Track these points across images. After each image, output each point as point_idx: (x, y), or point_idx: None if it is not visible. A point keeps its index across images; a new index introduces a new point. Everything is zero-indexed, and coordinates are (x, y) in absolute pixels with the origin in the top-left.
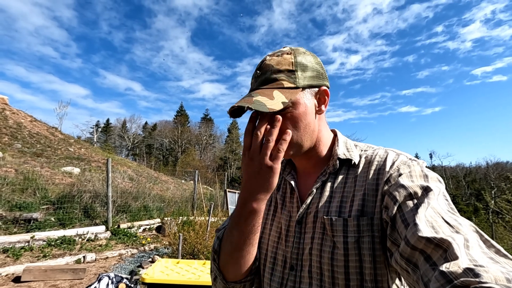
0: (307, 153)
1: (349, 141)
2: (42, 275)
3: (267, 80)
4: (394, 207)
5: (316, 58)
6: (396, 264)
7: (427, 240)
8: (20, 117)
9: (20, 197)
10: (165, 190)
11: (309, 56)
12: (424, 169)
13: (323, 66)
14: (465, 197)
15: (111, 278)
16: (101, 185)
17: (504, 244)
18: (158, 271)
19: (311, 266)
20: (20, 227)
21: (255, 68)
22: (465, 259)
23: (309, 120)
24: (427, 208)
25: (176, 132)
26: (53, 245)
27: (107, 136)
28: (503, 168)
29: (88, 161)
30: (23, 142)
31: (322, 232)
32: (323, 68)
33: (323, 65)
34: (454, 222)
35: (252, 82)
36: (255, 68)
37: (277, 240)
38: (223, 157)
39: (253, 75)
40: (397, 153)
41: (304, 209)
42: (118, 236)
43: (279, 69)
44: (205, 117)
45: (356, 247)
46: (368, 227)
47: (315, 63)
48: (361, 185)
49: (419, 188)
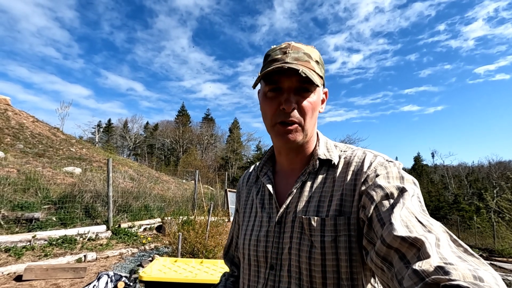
0: (300, 148)
1: (330, 142)
2: (43, 274)
3: (301, 59)
4: (371, 207)
5: None
6: (371, 262)
7: (402, 239)
8: (22, 117)
9: (22, 197)
10: (166, 190)
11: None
12: (400, 171)
13: None
14: (467, 196)
15: (110, 277)
16: (102, 185)
17: (506, 244)
18: (156, 270)
19: (290, 265)
20: (22, 226)
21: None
22: (436, 257)
23: (317, 113)
24: (402, 208)
25: (178, 132)
26: (54, 244)
27: (108, 136)
28: (505, 167)
29: (89, 161)
30: (25, 142)
31: (301, 232)
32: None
33: None
34: (426, 222)
35: (280, 57)
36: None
37: (257, 242)
38: (225, 157)
39: (279, 51)
40: (375, 154)
41: (284, 209)
42: (118, 235)
43: (310, 55)
44: (206, 117)
45: (333, 246)
46: (345, 226)
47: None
48: (339, 185)
49: (395, 188)
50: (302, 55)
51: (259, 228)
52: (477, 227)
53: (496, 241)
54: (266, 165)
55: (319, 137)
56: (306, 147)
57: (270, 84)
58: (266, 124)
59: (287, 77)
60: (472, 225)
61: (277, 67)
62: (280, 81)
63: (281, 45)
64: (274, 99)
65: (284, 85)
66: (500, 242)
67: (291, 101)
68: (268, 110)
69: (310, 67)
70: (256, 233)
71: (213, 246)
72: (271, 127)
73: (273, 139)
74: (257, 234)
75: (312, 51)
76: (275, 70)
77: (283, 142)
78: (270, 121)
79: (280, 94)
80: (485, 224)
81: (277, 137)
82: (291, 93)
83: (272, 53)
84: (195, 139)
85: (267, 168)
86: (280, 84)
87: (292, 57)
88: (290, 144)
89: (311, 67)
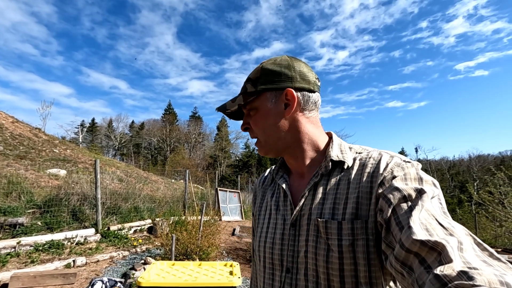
0: (290, 153)
1: (344, 144)
2: (31, 281)
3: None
4: (389, 210)
5: (291, 62)
6: (391, 267)
7: (421, 243)
8: (1, 118)
9: (4, 201)
10: (155, 190)
11: (283, 61)
12: (419, 171)
13: (297, 69)
14: (449, 189)
15: (104, 283)
16: (89, 187)
17: (487, 234)
18: (154, 274)
19: (307, 268)
20: (5, 232)
21: None
22: (459, 262)
23: (273, 121)
24: (421, 211)
25: (165, 130)
26: (41, 250)
27: (93, 136)
28: (485, 160)
29: (74, 162)
30: (5, 144)
31: (316, 235)
32: (296, 71)
33: (299, 68)
34: (447, 225)
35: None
36: None
37: (273, 244)
38: (213, 155)
39: None
40: (391, 155)
41: (298, 211)
42: (108, 238)
43: (249, 78)
44: (193, 115)
45: (350, 250)
46: (362, 230)
47: (283, 67)
48: (355, 188)
49: (413, 190)
50: (244, 84)
51: (273, 230)
52: (459, 219)
53: (478, 232)
54: (282, 168)
55: (332, 139)
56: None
57: None
58: None
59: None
60: (455, 218)
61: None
62: None
63: None
64: None
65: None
66: (481, 232)
67: (242, 124)
68: None
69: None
70: (271, 235)
71: (206, 247)
72: None
73: None
74: (272, 236)
75: (254, 70)
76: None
77: None
78: None
79: None
80: (467, 215)
81: None
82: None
83: None
84: (183, 138)
85: (283, 171)
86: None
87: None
88: (266, 156)
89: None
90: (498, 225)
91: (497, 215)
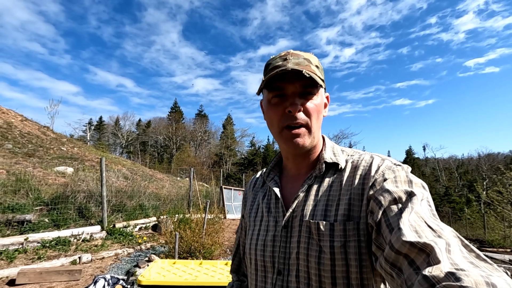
0: (307, 152)
1: (336, 146)
2: (37, 278)
3: (301, 64)
4: (379, 212)
5: None
6: (380, 268)
7: (411, 245)
8: (10, 116)
9: (13, 198)
10: (160, 188)
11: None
12: (409, 174)
13: None
14: (458, 188)
15: (107, 280)
16: (95, 185)
17: (496, 234)
18: (155, 273)
19: (298, 270)
20: (13, 229)
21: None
22: (447, 263)
23: (321, 116)
24: (411, 213)
25: (171, 129)
26: (47, 246)
27: (100, 134)
28: (494, 159)
29: (81, 160)
30: (14, 142)
31: (308, 236)
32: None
33: None
34: (436, 227)
35: (281, 63)
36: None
37: (264, 246)
38: (219, 153)
39: (279, 59)
40: (383, 158)
41: (290, 213)
42: (113, 235)
43: (310, 60)
44: (199, 113)
45: (342, 251)
46: (354, 231)
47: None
48: (347, 189)
49: (403, 193)
50: (303, 60)
51: (265, 232)
52: (468, 219)
53: (487, 232)
54: (273, 171)
55: (325, 141)
56: (313, 152)
57: (274, 91)
58: (273, 132)
59: (290, 83)
60: (463, 217)
61: (280, 70)
62: (284, 87)
63: (280, 54)
64: (278, 105)
65: (288, 91)
66: (490, 233)
67: (296, 104)
68: (274, 116)
69: (311, 70)
70: (262, 237)
71: (210, 245)
72: (278, 133)
73: (281, 145)
74: (264, 238)
75: (311, 57)
76: (278, 74)
77: (292, 147)
78: (277, 127)
79: (285, 99)
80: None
81: (286, 143)
82: (295, 97)
83: (273, 61)
84: (189, 136)
85: (274, 173)
86: (284, 90)
87: (293, 62)
88: (299, 149)
89: (312, 71)
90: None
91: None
